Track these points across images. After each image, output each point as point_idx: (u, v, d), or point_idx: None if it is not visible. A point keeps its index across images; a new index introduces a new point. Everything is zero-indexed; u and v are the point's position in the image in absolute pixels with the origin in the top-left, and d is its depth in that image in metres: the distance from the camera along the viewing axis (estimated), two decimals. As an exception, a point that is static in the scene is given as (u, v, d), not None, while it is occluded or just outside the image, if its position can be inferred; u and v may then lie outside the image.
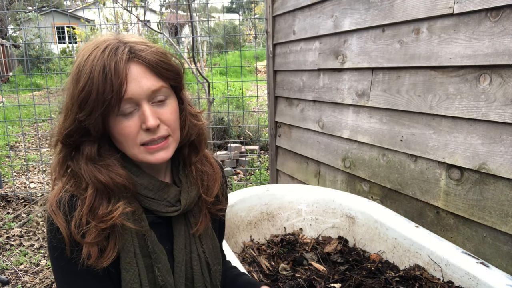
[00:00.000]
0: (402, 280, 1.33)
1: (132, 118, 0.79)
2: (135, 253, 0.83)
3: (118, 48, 0.77)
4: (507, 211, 1.32)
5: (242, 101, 6.90)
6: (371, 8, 1.84)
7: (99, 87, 0.75)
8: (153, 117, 0.78)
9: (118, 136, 0.80)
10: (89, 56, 0.78)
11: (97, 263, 0.79)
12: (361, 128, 2.00)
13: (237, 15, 21.70)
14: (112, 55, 0.76)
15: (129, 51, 0.78)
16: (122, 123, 0.78)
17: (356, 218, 1.69)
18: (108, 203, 0.80)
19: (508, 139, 1.30)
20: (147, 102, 0.79)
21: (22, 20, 4.54)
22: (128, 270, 0.82)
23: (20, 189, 4.43)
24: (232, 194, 1.76)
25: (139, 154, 0.81)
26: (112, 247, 0.80)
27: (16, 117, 7.66)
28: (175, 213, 0.89)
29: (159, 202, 0.87)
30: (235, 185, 4.43)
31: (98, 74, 0.75)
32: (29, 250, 3.06)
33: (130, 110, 0.79)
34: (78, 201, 0.79)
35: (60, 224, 0.77)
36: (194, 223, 0.94)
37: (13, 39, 17.24)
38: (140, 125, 0.79)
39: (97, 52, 0.77)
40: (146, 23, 5.17)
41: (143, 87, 0.78)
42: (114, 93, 0.75)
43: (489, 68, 1.35)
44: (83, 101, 0.76)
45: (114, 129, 0.80)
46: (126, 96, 0.77)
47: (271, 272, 1.49)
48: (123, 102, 0.77)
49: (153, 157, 0.81)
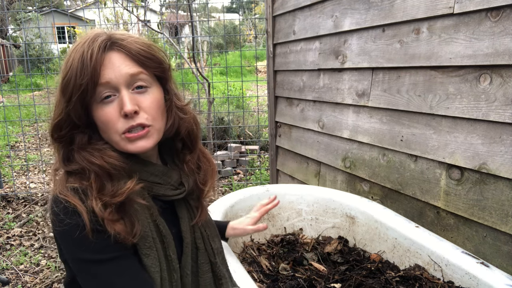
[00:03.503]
0: (402, 280, 1.33)
1: (112, 105, 0.81)
2: (153, 238, 0.84)
3: (98, 38, 0.80)
4: (507, 211, 1.32)
5: (242, 101, 6.90)
6: (371, 8, 1.84)
7: (77, 73, 0.77)
8: (131, 103, 0.80)
9: (100, 124, 0.82)
10: (74, 47, 0.81)
11: (126, 238, 0.78)
12: (361, 128, 2.00)
13: (237, 15, 21.70)
14: (90, 43, 0.79)
15: (107, 39, 0.81)
16: (102, 110, 0.81)
17: (356, 218, 1.69)
18: (113, 183, 0.81)
19: (508, 139, 1.30)
20: (126, 88, 0.81)
21: (22, 20, 4.54)
22: (148, 255, 0.83)
23: (20, 189, 4.43)
24: (232, 194, 1.76)
25: (120, 142, 0.83)
26: (136, 223, 0.81)
27: (16, 117, 7.66)
28: (180, 195, 0.92)
29: (165, 186, 0.89)
30: (235, 185, 4.43)
31: (76, 62, 0.78)
32: (29, 250, 3.06)
33: (110, 97, 0.81)
34: (83, 192, 0.80)
35: (78, 204, 0.76)
36: (195, 207, 0.97)
37: (13, 39, 17.25)
38: (120, 112, 0.80)
39: (80, 43, 0.81)
40: (146, 23, 5.17)
41: (121, 72, 0.80)
42: (89, 77, 0.77)
43: (489, 68, 1.35)
44: (64, 89, 0.79)
45: (97, 116, 0.82)
46: (103, 81, 0.79)
47: (271, 272, 1.49)
48: (100, 87, 0.79)
49: (133, 146, 0.83)
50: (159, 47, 0.89)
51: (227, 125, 5.55)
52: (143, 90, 0.83)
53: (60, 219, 0.76)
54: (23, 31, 12.98)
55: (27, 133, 6.91)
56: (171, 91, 0.92)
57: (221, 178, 4.80)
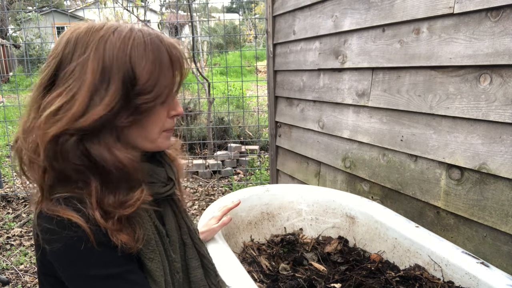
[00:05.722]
0: (402, 280, 1.33)
1: (163, 106, 0.80)
2: (155, 241, 0.81)
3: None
4: (507, 211, 1.32)
5: (242, 101, 6.90)
6: (371, 8, 1.84)
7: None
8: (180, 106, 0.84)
9: (146, 122, 0.78)
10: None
11: (132, 247, 0.73)
12: (361, 128, 2.00)
13: (237, 15, 21.69)
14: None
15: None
16: (156, 110, 0.78)
17: (356, 218, 1.69)
18: (118, 191, 0.74)
19: (508, 139, 1.30)
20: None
21: (22, 20, 4.54)
22: (152, 259, 0.80)
23: (20, 189, 4.43)
24: (232, 194, 1.76)
25: (158, 139, 0.82)
26: (138, 228, 0.76)
27: (16, 117, 7.66)
28: (171, 190, 0.90)
29: (157, 184, 0.86)
30: (235, 185, 4.43)
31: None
32: (29, 250, 3.06)
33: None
34: (78, 200, 0.72)
35: (73, 217, 0.68)
36: (177, 199, 0.94)
37: (14, 39, 17.24)
38: (168, 112, 0.82)
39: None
40: (147, 23, 5.17)
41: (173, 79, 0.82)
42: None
43: (489, 68, 1.35)
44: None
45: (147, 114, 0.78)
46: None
47: (271, 272, 1.49)
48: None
49: (169, 142, 0.86)
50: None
51: (227, 125, 5.55)
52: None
53: (56, 235, 0.68)
54: (23, 31, 12.98)
55: (27, 133, 6.90)
56: None
57: (221, 178, 4.80)
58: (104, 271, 0.71)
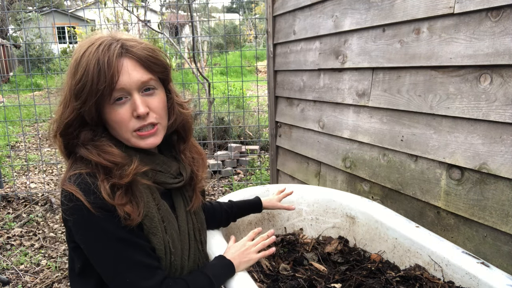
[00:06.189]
0: (403, 280, 1.33)
1: (125, 106, 0.89)
2: (158, 219, 0.94)
3: (111, 45, 0.87)
4: (507, 211, 1.32)
5: (243, 101, 6.90)
6: (372, 8, 1.84)
7: (94, 79, 0.84)
8: (143, 105, 0.89)
9: (112, 123, 0.90)
10: (85, 52, 0.87)
11: (134, 219, 0.87)
12: (361, 128, 2.00)
13: (237, 15, 21.70)
14: (105, 51, 0.86)
15: (121, 47, 0.88)
16: (116, 111, 0.89)
17: (356, 218, 1.69)
18: (117, 168, 0.89)
19: (509, 139, 1.30)
20: (137, 92, 0.90)
21: (22, 20, 4.54)
22: (155, 234, 0.93)
23: (21, 189, 4.43)
24: (232, 194, 1.76)
25: (131, 139, 0.92)
26: (141, 203, 0.90)
27: (17, 117, 7.66)
28: (179, 183, 1.02)
29: (166, 174, 0.99)
30: (235, 185, 4.43)
31: (93, 68, 0.84)
32: (29, 250, 3.06)
33: (122, 98, 0.89)
34: (92, 175, 0.87)
35: (78, 193, 0.84)
36: (189, 197, 1.08)
37: (14, 39, 17.25)
38: (132, 113, 0.90)
39: (92, 48, 0.87)
40: (147, 23, 5.17)
41: (133, 79, 0.88)
42: (107, 84, 0.85)
43: (489, 68, 1.35)
44: (79, 92, 0.86)
45: (109, 116, 0.90)
46: (118, 87, 0.87)
47: (272, 272, 1.49)
48: (115, 92, 0.87)
49: (144, 142, 0.93)
50: (161, 50, 0.98)
51: (227, 125, 5.55)
52: (151, 92, 0.93)
53: (65, 206, 0.85)
54: (23, 31, 12.98)
55: (27, 133, 6.91)
56: (172, 90, 1.02)
57: (221, 178, 4.80)
58: (118, 232, 0.85)
